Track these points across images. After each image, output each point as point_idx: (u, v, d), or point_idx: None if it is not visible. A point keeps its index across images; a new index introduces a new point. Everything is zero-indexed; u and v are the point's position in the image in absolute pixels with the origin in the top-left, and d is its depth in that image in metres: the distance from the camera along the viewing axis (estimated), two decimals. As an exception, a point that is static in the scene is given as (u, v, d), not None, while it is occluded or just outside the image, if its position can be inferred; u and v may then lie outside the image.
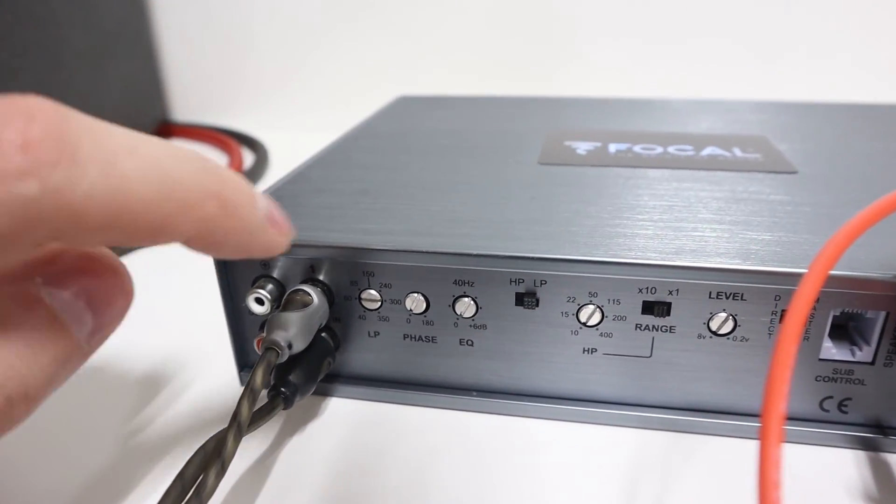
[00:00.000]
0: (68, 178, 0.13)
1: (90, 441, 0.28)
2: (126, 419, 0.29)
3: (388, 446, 0.27)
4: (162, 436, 0.28)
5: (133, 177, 0.14)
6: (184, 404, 0.30)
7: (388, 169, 0.36)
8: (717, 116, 0.48)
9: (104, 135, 0.14)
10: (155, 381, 0.32)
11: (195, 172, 0.16)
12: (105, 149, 0.14)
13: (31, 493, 0.25)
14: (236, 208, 0.17)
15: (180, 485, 0.20)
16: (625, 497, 0.24)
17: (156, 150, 0.15)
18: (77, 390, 0.31)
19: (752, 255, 0.25)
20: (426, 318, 0.28)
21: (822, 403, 0.26)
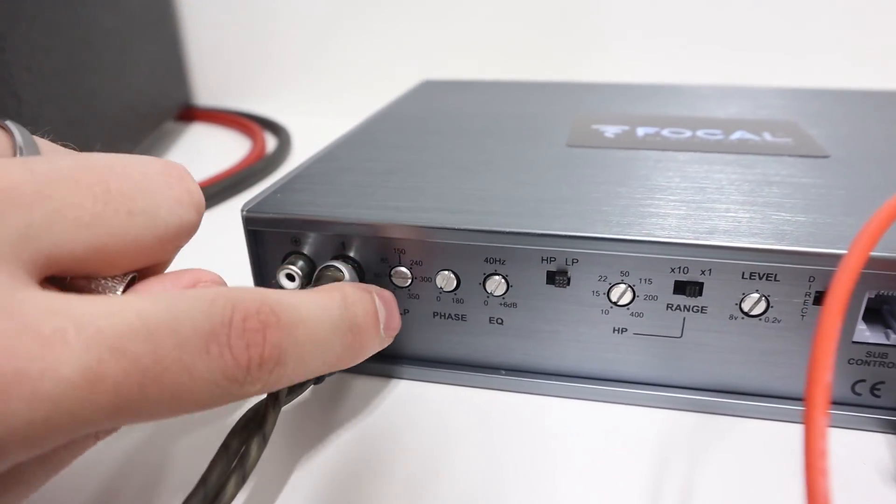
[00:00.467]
0: (277, 380, 0.18)
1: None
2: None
3: (414, 423, 0.27)
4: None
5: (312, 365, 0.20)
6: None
7: (417, 149, 0.36)
8: (746, 102, 0.48)
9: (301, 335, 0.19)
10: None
11: (342, 334, 0.21)
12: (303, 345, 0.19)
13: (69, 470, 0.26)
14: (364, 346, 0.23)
15: (225, 455, 0.21)
16: (652, 478, 0.24)
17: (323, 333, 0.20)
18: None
19: (786, 235, 0.25)
20: (456, 295, 0.28)
21: (854, 387, 0.26)
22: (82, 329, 0.13)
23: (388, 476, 0.25)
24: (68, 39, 0.45)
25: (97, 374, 0.13)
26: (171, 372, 0.15)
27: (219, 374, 0.16)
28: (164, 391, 0.15)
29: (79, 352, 0.13)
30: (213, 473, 0.20)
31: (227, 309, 0.16)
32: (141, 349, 0.14)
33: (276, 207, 0.28)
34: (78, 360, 0.13)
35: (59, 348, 0.13)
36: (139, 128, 0.60)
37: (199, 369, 0.15)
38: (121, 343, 0.14)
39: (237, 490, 0.21)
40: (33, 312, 0.13)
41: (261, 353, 0.17)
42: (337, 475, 0.25)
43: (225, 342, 0.16)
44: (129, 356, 0.14)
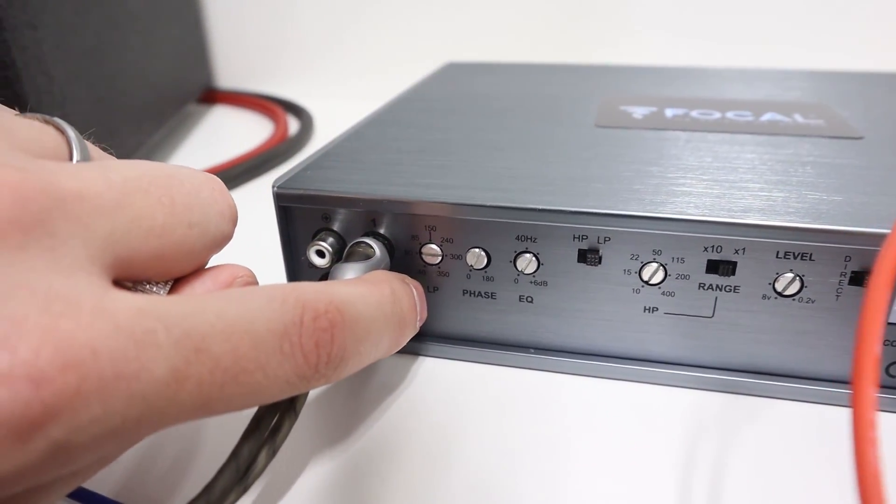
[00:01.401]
0: (339, 375, 0.20)
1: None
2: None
3: (442, 402, 0.27)
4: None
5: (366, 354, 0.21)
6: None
7: (444, 129, 0.36)
8: (774, 84, 0.47)
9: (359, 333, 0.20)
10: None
11: (392, 328, 0.23)
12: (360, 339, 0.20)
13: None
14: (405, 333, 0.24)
15: (256, 427, 0.21)
16: (682, 457, 0.24)
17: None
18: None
19: (822, 214, 0.24)
20: (486, 273, 0.28)
21: (889, 369, 0.26)
22: (171, 330, 0.14)
23: (414, 451, 0.25)
24: (96, 19, 0.46)
25: (184, 374, 0.14)
26: (248, 371, 0.16)
27: (291, 371, 0.17)
28: (241, 388, 0.16)
29: (169, 352, 0.14)
30: (245, 447, 0.21)
31: (298, 308, 0.17)
32: (222, 349, 0.15)
33: (306, 184, 0.28)
34: (168, 361, 0.14)
35: (151, 350, 0.14)
36: (163, 109, 0.60)
37: (273, 367, 0.16)
38: (205, 344, 0.15)
39: (268, 462, 0.21)
40: (124, 313, 0.14)
41: (329, 351, 0.18)
42: (366, 450, 0.25)
43: (297, 341, 0.17)
44: (212, 356, 0.15)
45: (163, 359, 0.14)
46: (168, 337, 0.14)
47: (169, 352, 0.14)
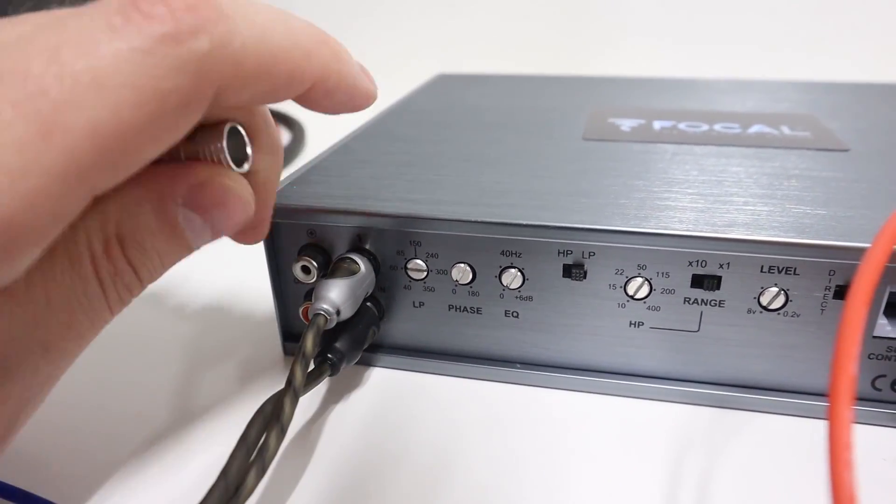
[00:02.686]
0: (229, 32, 0.15)
1: (141, 407, 0.28)
2: (174, 386, 0.29)
3: (429, 416, 0.27)
4: (210, 402, 0.28)
5: (268, 28, 0.16)
6: (228, 372, 0.30)
7: (432, 142, 0.36)
8: (763, 96, 0.47)
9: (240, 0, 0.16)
10: (199, 350, 0.32)
11: (307, 26, 0.18)
12: (243, 8, 0.16)
13: (91, 457, 0.26)
14: (342, 53, 0.19)
15: (244, 447, 0.21)
16: (669, 473, 0.24)
17: (275, 10, 0.17)
18: (122, 359, 0.31)
19: (807, 229, 0.25)
20: (472, 288, 0.28)
21: (875, 382, 0.26)
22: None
23: (402, 469, 0.24)
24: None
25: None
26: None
27: (133, 37, 0.14)
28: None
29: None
30: (234, 465, 0.21)
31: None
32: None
33: (292, 199, 0.28)
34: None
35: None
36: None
37: (105, 45, 0.13)
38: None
39: (257, 481, 0.21)
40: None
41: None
42: (353, 467, 0.25)
43: (129, 7, 0.14)
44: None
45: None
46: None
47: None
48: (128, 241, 0.17)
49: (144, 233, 0.18)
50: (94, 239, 0.17)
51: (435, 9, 0.73)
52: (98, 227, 0.17)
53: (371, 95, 0.21)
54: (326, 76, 0.18)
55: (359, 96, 0.20)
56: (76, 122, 0.13)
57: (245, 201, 0.20)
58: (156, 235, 0.18)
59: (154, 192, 0.18)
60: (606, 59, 0.71)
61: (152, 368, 0.31)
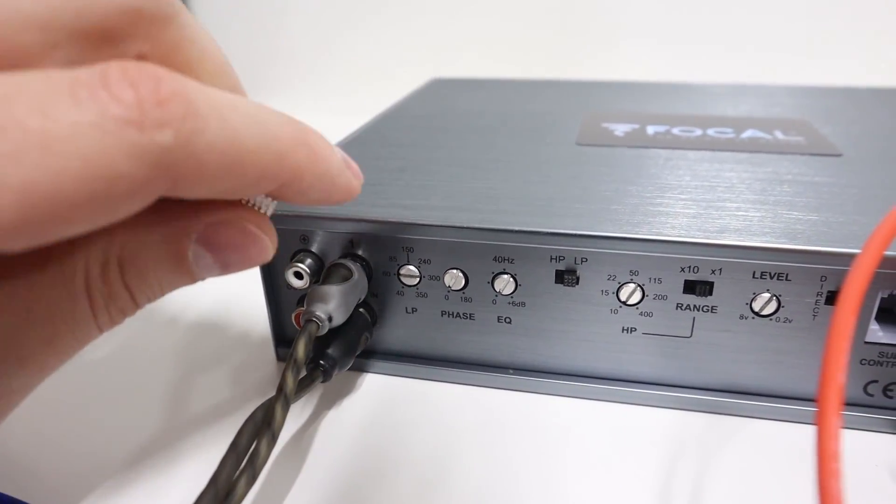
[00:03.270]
0: (195, 130, 0.14)
1: (133, 414, 0.28)
2: (166, 392, 0.29)
3: (422, 422, 0.27)
4: (202, 409, 0.28)
5: (241, 129, 0.15)
6: (221, 378, 0.30)
7: (426, 147, 0.36)
8: (757, 100, 0.47)
9: (214, 94, 0.15)
10: (192, 356, 0.32)
11: (285, 125, 0.17)
12: (217, 106, 0.15)
13: (81, 465, 0.26)
14: (321, 153, 0.18)
15: (235, 454, 0.21)
16: (661, 479, 0.24)
17: (252, 107, 0.16)
18: (115, 366, 0.31)
19: (798, 234, 0.25)
20: (464, 294, 0.28)
21: (867, 388, 0.26)
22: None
23: (395, 475, 0.24)
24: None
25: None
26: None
27: (95, 114, 0.13)
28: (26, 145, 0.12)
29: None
30: (224, 472, 0.20)
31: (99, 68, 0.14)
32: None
33: (284, 204, 0.28)
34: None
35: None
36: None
37: (63, 112, 0.13)
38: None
39: (248, 489, 0.21)
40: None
41: (154, 89, 0.14)
42: (345, 474, 0.25)
43: (98, 84, 0.13)
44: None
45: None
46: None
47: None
48: (129, 267, 0.17)
49: (148, 261, 0.17)
50: (93, 259, 0.16)
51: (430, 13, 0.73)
52: (100, 248, 0.16)
53: (352, 192, 0.20)
54: (299, 178, 0.17)
55: (337, 193, 0.19)
56: (11, 176, 0.12)
57: (264, 246, 0.19)
58: (160, 266, 0.17)
59: (169, 222, 0.17)
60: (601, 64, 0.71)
61: (144, 374, 0.31)
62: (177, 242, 0.17)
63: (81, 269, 0.16)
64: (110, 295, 0.17)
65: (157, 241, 0.17)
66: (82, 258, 0.16)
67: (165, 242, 0.17)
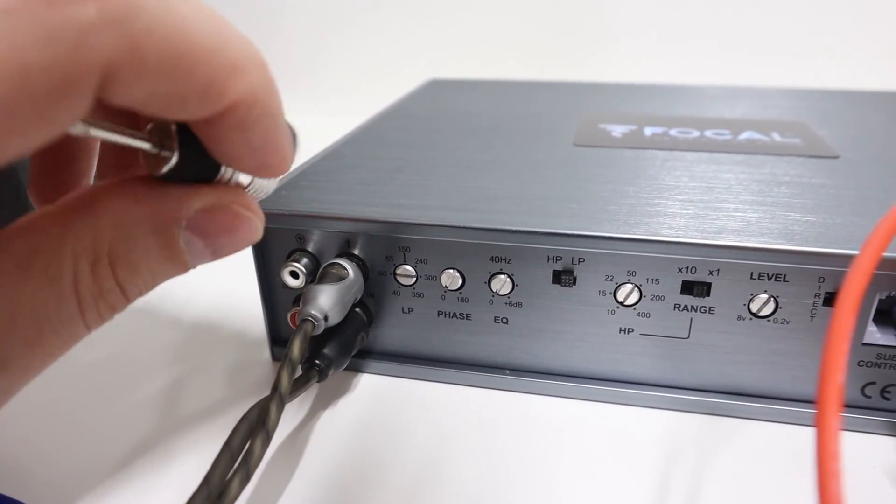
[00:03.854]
0: (128, 6, 0.11)
1: (128, 413, 0.28)
2: (161, 392, 0.29)
3: (418, 423, 0.27)
4: (197, 408, 0.28)
5: (190, 20, 0.13)
6: (216, 378, 0.30)
7: (423, 148, 0.36)
8: (753, 102, 0.47)
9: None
10: (188, 355, 0.32)
11: (242, 38, 0.15)
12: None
13: (76, 465, 0.25)
14: (274, 88, 0.16)
15: (228, 453, 0.20)
16: (659, 480, 0.24)
17: (206, 7, 0.14)
18: (110, 364, 0.31)
19: (796, 235, 0.24)
20: (461, 294, 0.28)
21: (864, 389, 0.26)
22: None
23: (391, 476, 0.24)
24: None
25: None
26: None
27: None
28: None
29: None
30: (217, 472, 0.20)
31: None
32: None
33: (281, 204, 0.28)
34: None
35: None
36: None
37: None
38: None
39: (241, 488, 0.20)
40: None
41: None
42: (340, 474, 0.24)
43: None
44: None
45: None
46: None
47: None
48: (120, 262, 0.16)
49: (140, 254, 0.16)
50: (82, 258, 0.15)
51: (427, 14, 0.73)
52: (89, 246, 0.15)
53: (287, 161, 0.17)
54: (251, 103, 0.15)
55: (274, 150, 0.16)
56: None
57: (254, 228, 0.18)
58: (152, 256, 0.16)
59: (156, 212, 0.16)
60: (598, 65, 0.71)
61: (139, 373, 0.30)
62: (167, 231, 0.16)
63: (69, 269, 0.15)
64: (100, 293, 0.16)
65: (146, 232, 0.16)
66: (70, 258, 0.15)
67: (155, 233, 0.16)
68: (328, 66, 0.79)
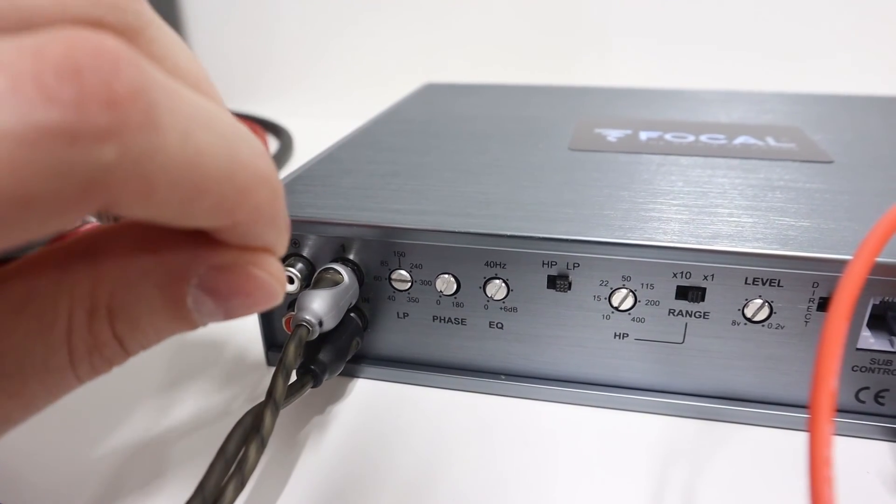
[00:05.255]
0: (150, 146, 0.11)
1: (123, 419, 0.28)
2: (156, 397, 0.29)
3: (413, 428, 0.27)
4: (191, 414, 0.28)
5: (206, 152, 0.12)
6: (211, 383, 0.30)
7: (418, 152, 0.36)
8: (749, 107, 0.48)
9: (183, 100, 0.12)
10: (181, 360, 0.32)
11: (255, 154, 0.14)
12: (184, 117, 0.12)
13: (69, 471, 0.25)
14: (280, 198, 0.15)
15: (223, 460, 0.20)
16: (654, 486, 0.24)
17: (225, 125, 0.13)
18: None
19: (790, 240, 0.25)
20: (456, 299, 0.28)
21: (859, 394, 0.26)
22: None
23: (386, 482, 0.24)
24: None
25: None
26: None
27: (11, 114, 0.10)
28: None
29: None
30: (211, 479, 0.20)
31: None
32: None
33: (275, 209, 0.28)
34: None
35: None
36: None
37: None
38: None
39: (236, 495, 0.20)
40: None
41: (107, 82, 0.10)
42: (335, 480, 0.24)
43: (27, 68, 0.10)
44: None
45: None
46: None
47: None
48: (119, 315, 0.15)
49: (142, 309, 0.15)
50: (79, 306, 0.14)
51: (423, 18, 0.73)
52: (87, 294, 0.14)
53: (280, 252, 0.17)
54: (256, 220, 0.14)
55: (271, 245, 0.16)
56: None
57: (273, 292, 0.16)
58: (155, 312, 0.15)
59: (165, 266, 0.15)
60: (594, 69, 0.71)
61: (132, 378, 0.30)
62: (174, 288, 0.15)
63: (64, 316, 0.14)
64: (96, 345, 0.15)
65: (151, 285, 0.15)
66: (65, 304, 0.14)
67: (160, 288, 0.15)
68: (324, 69, 0.79)
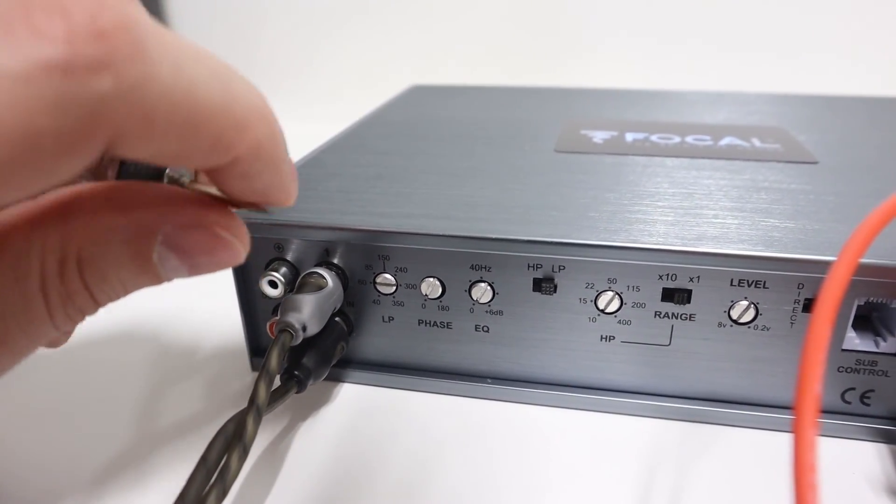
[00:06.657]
0: (144, 76, 0.12)
1: (103, 426, 0.28)
2: (138, 404, 0.29)
3: (400, 433, 0.27)
4: (174, 421, 0.28)
5: (199, 83, 0.13)
6: (195, 389, 0.30)
7: (404, 155, 0.36)
8: (734, 108, 0.48)
9: (170, 36, 0.13)
10: (165, 366, 0.31)
11: (250, 92, 0.15)
12: (172, 48, 0.13)
13: (49, 480, 0.25)
14: (279, 138, 0.16)
15: (204, 469, 0.20)
16: (640, 487, 0.24)
17: (216, 62, 0.14)
18: (86, 375, 0.31)
19: (775, 242, 0.24)
20: (442, 303, 0.27)
21: (844, 395, 0.26)
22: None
23: (372, 488, 0.24)
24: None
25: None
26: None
27: (7, 56, 0.10)
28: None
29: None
30: (192, 488, 0.20)
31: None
32: None
33: (259, 213, 0.28)
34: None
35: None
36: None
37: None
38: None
39: (217, 504, 0.20)
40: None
41: (92, 16, 0.11)
42: (320, 487, 0.24)
43: (17, 11, 0.11)
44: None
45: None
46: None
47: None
48: (88, 267, 0.15)
49: (109, 261, 0.16)
50: (50, 257, 0.15)
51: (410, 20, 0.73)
52: (57, 245, 0.15)
53: (291, 195, 0.18)
54: (254, 156, 0.15)
55: (278, 190, 0.17)
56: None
57: (235, 252, 0.17)
58: (122, 266, 0.16)
59: (132, 222, 0.16)
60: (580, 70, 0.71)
61: (115, 385, 0.30)
62: (140, 243, 0.16)
63: (36, 267, 0.15)
64: (68, 294, 0.15)
65: (118, 240, 0.16)
66: (37, 256, 0.15)
67: (127, 243, 0.16)
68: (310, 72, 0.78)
